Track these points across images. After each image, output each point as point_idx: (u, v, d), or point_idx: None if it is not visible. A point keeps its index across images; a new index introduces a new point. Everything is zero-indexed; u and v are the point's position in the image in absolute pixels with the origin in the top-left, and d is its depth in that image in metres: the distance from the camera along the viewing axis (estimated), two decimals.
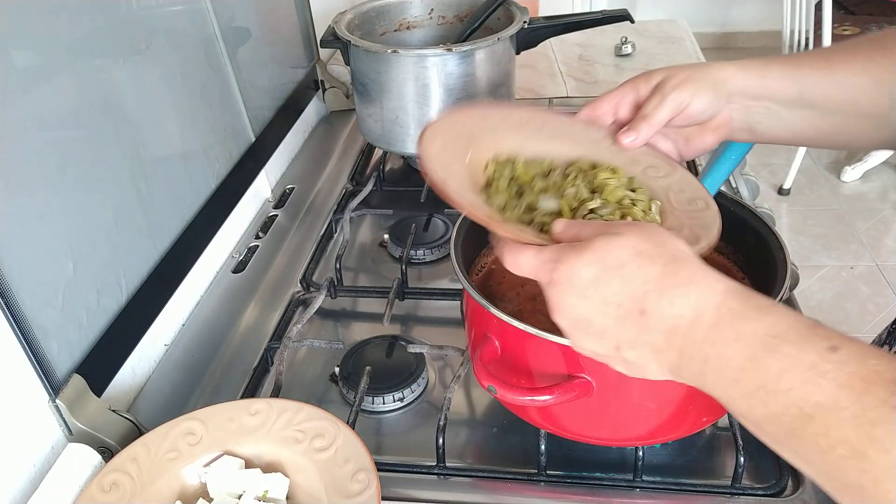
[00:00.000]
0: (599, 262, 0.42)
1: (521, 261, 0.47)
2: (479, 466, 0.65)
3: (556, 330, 0.50)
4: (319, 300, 0.81)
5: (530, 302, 0.64)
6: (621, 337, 0.43)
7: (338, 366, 0.74)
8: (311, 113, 1.28)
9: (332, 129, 1.29)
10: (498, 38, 0.97)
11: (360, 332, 0.82)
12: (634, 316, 0.42)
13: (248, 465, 0.60)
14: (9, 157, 0.57)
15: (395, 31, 1.14)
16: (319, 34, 1.07)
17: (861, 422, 0.33)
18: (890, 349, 0.82)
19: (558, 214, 0.53)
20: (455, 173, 0.53)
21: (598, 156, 0.58)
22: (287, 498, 0.57)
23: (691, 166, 1.06)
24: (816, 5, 2.64)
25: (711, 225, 0.54)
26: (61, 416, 0.61)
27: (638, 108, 0.59)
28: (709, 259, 0.69)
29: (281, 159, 1.13)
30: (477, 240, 0.68)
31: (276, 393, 0.71)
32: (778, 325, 0.38)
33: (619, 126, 0.59)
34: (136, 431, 0.66)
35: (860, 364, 0.35)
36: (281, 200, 1.07)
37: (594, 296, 0.42)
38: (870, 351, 0.36)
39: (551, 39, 1.09)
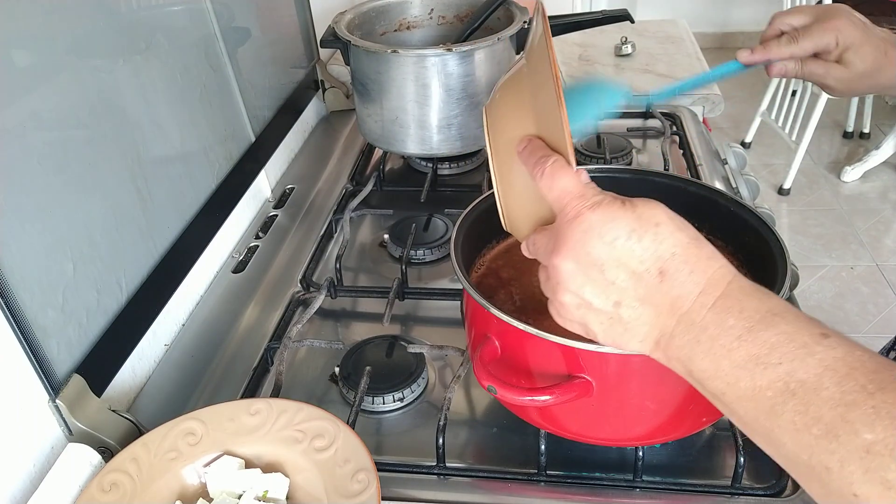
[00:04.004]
0: (638, 218, 0.43)
1: (562, 182, 0.46)
2: (479, 466, 0.65)
3: (556, 330, 0.50)
4: (319, 300, 0.81)
5: (531, 301, 0.64)
6: (629, 293, 0.43)
7: (338, 366, 0.74)
8: (311, 113, 1.28)
9: (332, 129, 1.29)
10: (498, 38, 0.97)
11: (360, 332, 0.81)
12: (653, 274, 0.43)
13: (248, 465, 0.60)
14: (9, 157, 0.57)
15: (395, 31, 1.14)
16: (319, 34, 1.07)
17: (837, 403, 0.35)
18: None
19: None
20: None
21: None
22: (287, 498, 0.57)
23: (691, 165, 1.06)
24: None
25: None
26: (61, 416, 0.61)
27: None
28: None
29: (281, 159, 1.13)
30: (477, 240, 0.68)
31: (276, 393, 0.71)
32: (779, 307, 0.41)
33: None
34: (136, 431, 0.66)
35: (847, 352, 0.37)
36: (281, 200, 1.07)
37: (621, 247, 0.43)
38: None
39: None
